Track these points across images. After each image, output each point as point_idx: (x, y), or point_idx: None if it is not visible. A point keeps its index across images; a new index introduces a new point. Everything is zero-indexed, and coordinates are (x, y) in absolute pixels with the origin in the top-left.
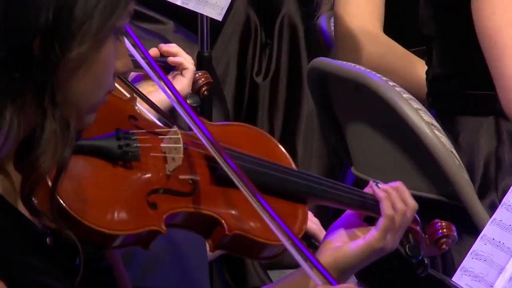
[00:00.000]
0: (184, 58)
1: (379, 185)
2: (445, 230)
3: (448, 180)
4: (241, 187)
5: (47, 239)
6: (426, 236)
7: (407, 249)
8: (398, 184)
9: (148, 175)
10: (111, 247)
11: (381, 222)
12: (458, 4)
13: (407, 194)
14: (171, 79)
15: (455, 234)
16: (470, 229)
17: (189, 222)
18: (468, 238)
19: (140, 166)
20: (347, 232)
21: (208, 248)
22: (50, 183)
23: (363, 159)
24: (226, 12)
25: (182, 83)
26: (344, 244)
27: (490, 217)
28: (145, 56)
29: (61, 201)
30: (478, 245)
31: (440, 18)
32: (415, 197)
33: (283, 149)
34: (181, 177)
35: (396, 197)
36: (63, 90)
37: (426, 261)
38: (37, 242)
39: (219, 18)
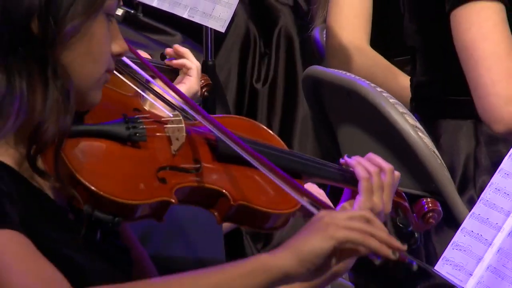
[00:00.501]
0: (187, 59)
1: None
2: (430, 205)
3: (431, 177)
4: (246, 156)
5: (69, 215)
6: (414, 214)
7: (398, 221)
8: (368, 154)
9: (156, 154)
10: (130, 217)
11: (360, 185)
12: (439, 19)
13: (378, 159)
14: (181, 80)
15: (440, 209)
16: (451, 222)
17: (197, 197)
18: (449, 231)
19: (147, 146)
20: (340, 208)
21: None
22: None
23: (353, 153)
24: (228, 24)
25: (190, 81)
26: None
27: (469, 211)
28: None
29: (81, 178)
30: (458, 237)
31: (423, 31)
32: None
33: (275, 136)
34: (185, 156)
35: (366, 162)
36: (63, 63)
37: (416, 234)
38: (57, 216)
39: (222, 30)
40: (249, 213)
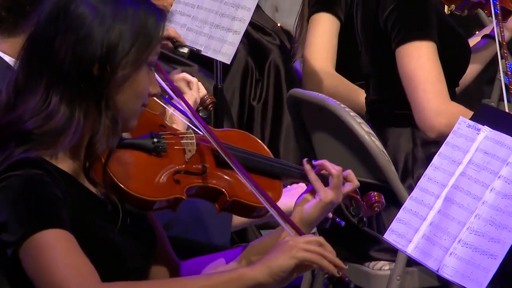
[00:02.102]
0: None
1: (313, 162)
2: (376, 197)
3: (381, 170)
4: (234, 168)
5: (108, 207)
6: (364, 203)
7: (351, 210)
8: (322, 161)
9: (173, 161)
10: (151, 209)
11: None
12: (386, 54)
13: (328, 165)
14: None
15: (383, 200)
16: (396, 203)
17: (202, 193)
18: (394, 209)
19: (167, 155)
20: (302, 199)
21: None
22: (100, 166)
23: (324, 156)
24: (232, 58)
25: (192, 93)
26: (305, 206)
27: (409, 195)
28: (172, 86)
29: (115, 179)
30: (401, 214)
31: (375, 63)
32: (360, 182)
33: (264, 145)
34: (195, 163)
35: (333, 169)
36: (113, 99)
37: (364, 219)
38: (100, 208)
39: (228, 62)
40: (240, 206)
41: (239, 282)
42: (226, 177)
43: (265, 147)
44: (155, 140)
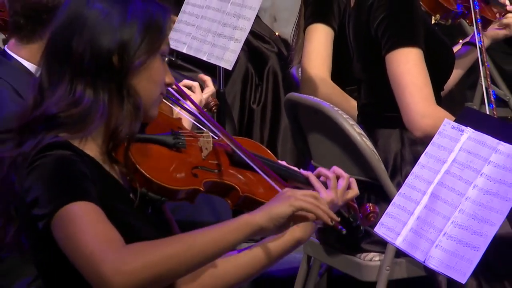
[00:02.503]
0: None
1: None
2: (371, 208)
3: (372, 168)
4: (251, 162)
5: (130, 195)
6: (361, 213)
7: (349, 217)
8: (333, 167)
9: (191, 157)
10: (174, 198)
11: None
12: (377, 61)
13: (339, 169)
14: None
15: (377, 210)
16: (385, 199)
17: (217, 188)
18: (384, 204)
19: (186, 152)
20: None
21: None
22: (122, 151)
23: (319, 156)
24: (234, 64)
25: (196, 95)
26: None
27: (397, 191)
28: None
29: (141, 169)
30: (390, 209)
31: (366, 69)
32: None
33: (269, 151)
34: (211, 160)
35: (327, 170)
36: (133, 86)
37: (362, 227)
38: (123, 194)
39: (230, 68)
40: (251, 202)
41: (246, 228)
42: (239, 175)
43: (271, 153)
44: (175, 137)
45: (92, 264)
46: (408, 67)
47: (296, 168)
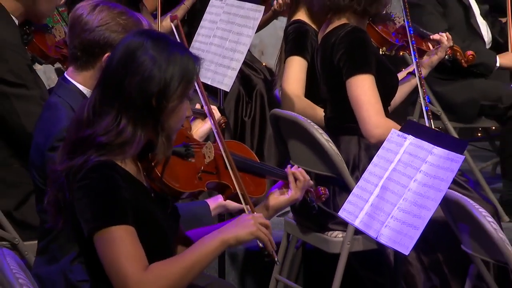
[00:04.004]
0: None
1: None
2: (323, 191)
3: (336, 166)
4: (230, 171)
5: (152, 194)
6: (315, 194)
7: (307, 199)
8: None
9: (197, 164)
10: (182, 198)
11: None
12: (338, 85)
13: (298, 174)
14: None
15: (327, 192)
16: (347, 190)
17: (216, 187)
18: (345, 194)
19: (194, 160)
20: (277, 191)
21: (223, 198)
22: (161, 169)
23: (296, 157)
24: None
25: (216, 113)
26: (276, 199)
27: (356, 184)
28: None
29: (165, 178)
30: (350, 197)
31: (330, 91)
32: (321, 175)
33: (253, 153)
34: (212, 165)
35: (298, 173)
36: (166, 122)
37: (316, 206)
38: (152, 199)
39: (228, 90)
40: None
41: (222, 247)
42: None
43: (254, 154)
44: (187, 149)
45: (122, 280)
46: (363, 89)
47: (277, 168)
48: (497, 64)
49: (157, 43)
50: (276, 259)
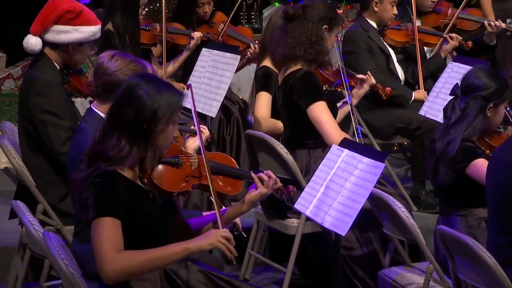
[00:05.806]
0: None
1: (259, 172)
2: (292, 189)
3: (292, 171)
4: (208, 177)
5: (150, 195)
6: (285, 191)
7: (278, 195)
8: (267, 171)
9: (185, 170)
10: (172, 196)
11: (260, 186)
12: (295, 112)
13: (264, 176)
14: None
15: (295, 189)
16: (300, 188)
17: (200, 187)
18: (299, 191)
19: (182, 167)
20: (251, 190)
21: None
22: (150, 173)
23: (263, 164)
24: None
25: (205, 131)
26: (249, 195)
27: (307, 184)
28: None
29: (154, 180)
30: (303, 194)
31: (288, 116)
32: (282, 177)
33: (233, 160)
34: (197, 171)
35: (265, 176)
36: (155, 141)
37: (286, 201)
38: (147, 197)
39: (214, 116)
40: (220, 194)
41: (184, 253)
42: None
43: (234, 161)
44: (176, 159)
45: (99, 256)
46: (322, 112)
47: (248, 171)
48: (412, 98)
49: (150, 82)
50: (234, 261)
